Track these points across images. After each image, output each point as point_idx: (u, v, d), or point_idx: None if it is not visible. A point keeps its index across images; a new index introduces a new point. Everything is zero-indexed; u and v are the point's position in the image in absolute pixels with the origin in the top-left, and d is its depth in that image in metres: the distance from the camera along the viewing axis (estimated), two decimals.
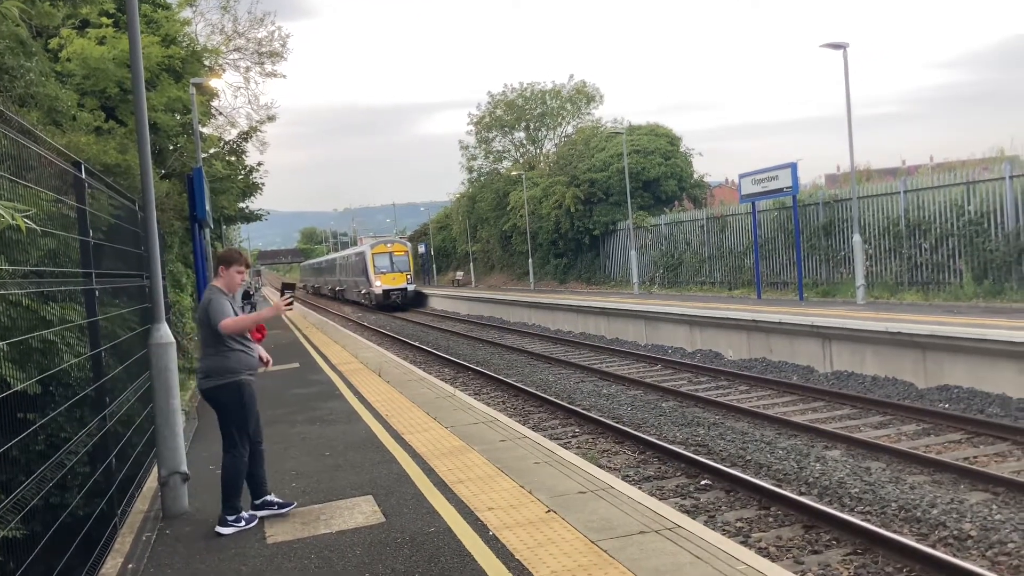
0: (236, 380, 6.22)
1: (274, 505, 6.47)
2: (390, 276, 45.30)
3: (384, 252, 46.49)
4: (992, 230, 16.82)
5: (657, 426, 11.99)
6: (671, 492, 8.77)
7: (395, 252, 46.52)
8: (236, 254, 6.48)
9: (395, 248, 47.33)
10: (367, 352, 18.33)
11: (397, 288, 45.06)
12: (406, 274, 45.88)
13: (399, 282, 45.30)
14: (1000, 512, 7.46)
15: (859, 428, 11.17)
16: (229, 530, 6.12)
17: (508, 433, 8.75)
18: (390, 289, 44.85)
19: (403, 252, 46.77)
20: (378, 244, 48.19)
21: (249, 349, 6.38)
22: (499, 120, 51.69)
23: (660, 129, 37.56)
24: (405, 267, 46.22)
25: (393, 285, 44.96)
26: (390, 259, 45.87)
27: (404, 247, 47.79)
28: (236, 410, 6.26)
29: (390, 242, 49.02)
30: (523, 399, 15.03)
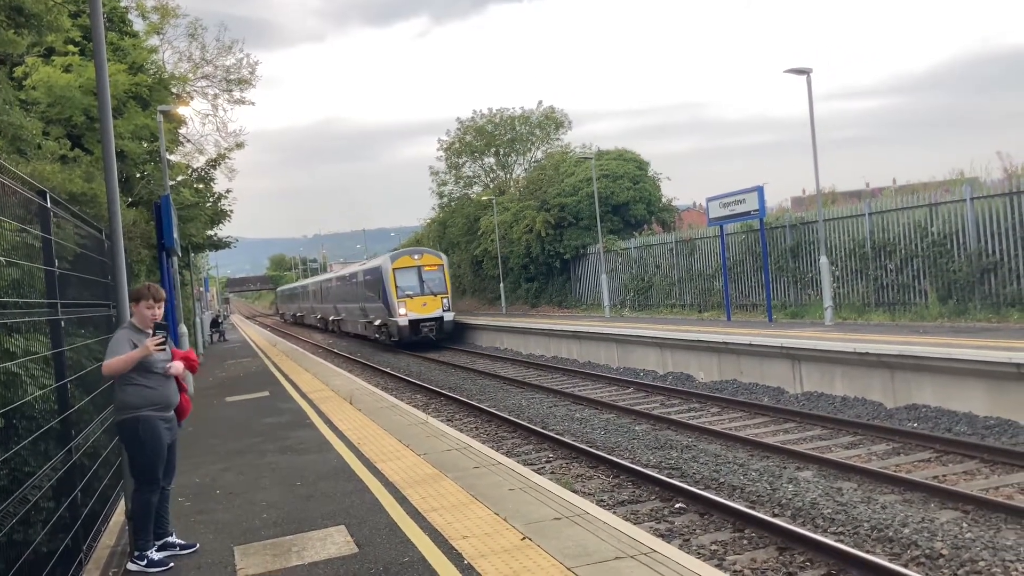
0: (133, 416, 5.99)
1: (175, 546, 6.33)
2: (419, 301, 32.50)
3: (410, 266, 33.11)
4: (955, 251, 17.11)
5: (631, 449, 11.99)
6: (646, 516, 8.76)
7: (426, 266, 33.23)
8: (144, 290, 6.20)
9: (425, 261, 33.56)
10: (337, 379, 18.18)
11: (430, 318, 32.32)
12: (441, 297, 32.75)
13: (432, 308, 32.47)
14: (970, 530, 7.53)
15: (830, 448, 11.24)
16: (135, 567, 6.02)
17: (482, 460, 8.70)
18: (420, 320, 32.15)
19: (436, 266, 33.50)
20: (401, 256, 34.38)
21: (153, 383, 6.06)
22: (469, 146, 51.84)
23: (628, 154, 37.87)
24: (440, 287, 33.03)
25: (424, 313, 32.30)
26: (419, 276, 32.96)
27: (438, 259, 34.03)
28: (134, 447, 6.06)
29: (418, 253, 34.51)
30: (496, 424, 14.98)
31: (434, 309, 32.57)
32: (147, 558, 6.05)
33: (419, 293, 32.58)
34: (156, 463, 6.10)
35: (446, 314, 32.85)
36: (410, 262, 33.36)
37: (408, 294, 32.40)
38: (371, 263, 39.24)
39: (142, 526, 6.10)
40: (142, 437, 6.01)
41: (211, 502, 7.92)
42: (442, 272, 33.39)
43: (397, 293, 32.39)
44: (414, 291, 32.55)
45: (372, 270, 36.40)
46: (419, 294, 32.55)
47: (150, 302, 6.15)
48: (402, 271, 33.06)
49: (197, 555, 6.29)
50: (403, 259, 33.65)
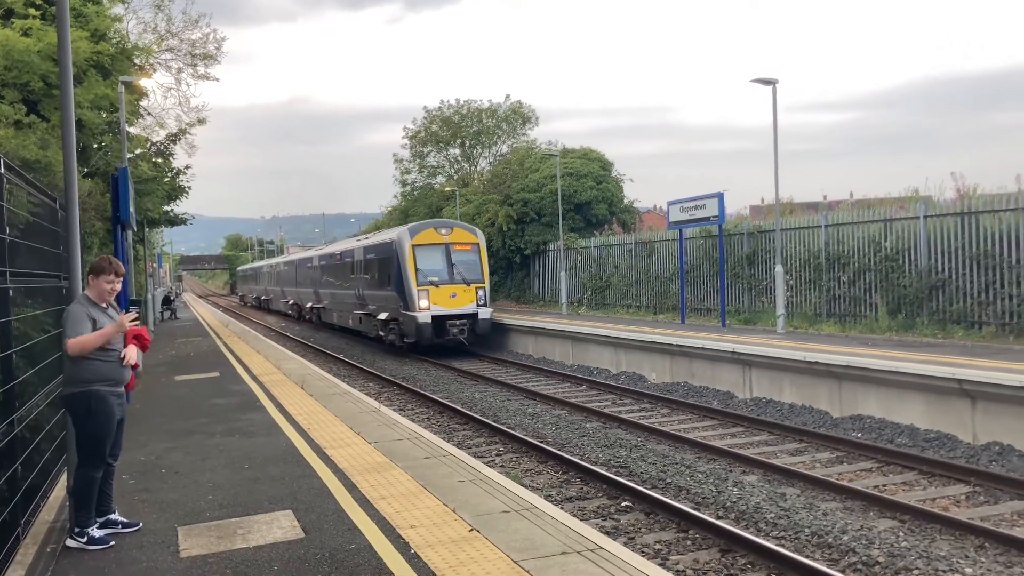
0: (86, 391, 5.90)
1: (118, 524, 6.25)
2: (447, 291, 24.28)
3: (436, 243, 24.98)
4: (907, 266, 17.48)
5: (580, 446, 12.08)
6: (592, 513, 8.83)
7: (456, 244, 25.21)
8: (105, 264, 6.07)
9: (457, 237, 25.44)
10: (290, 363, 18.02)
11: (461, 314, 24.24)
12: (476, 287, 24.70)
13: (464, 302, 24.37)
14: (906, 539, 7.72)
15: (776, 454, 11.44)
16: (74, 543, 5.94)
17: (433, 450, 8.70)
18: (448, 316, 24.09)
19: (471, 245, 25.51)
20: (423, 229, 25.59)
21: (108, 358, 5.97)
22: (435, 135, 51.62)
23: (593, 153, 38.05)
24: (475, 273, 25.01)
25: (453, 308, 24.18)
26: (447, 256, 24.87)
27: (473, 236, 25.90)
28: (83, 422, 5.96)
29: (446, 226, 25.89)
30: (448, 416, 14.98)
31: (466, 303, 24.19)
32: (87, 535, 5.96)
33: (447, 280, 24.27)
34: (105, 439, 6.00)
35: (481, 310, 24.32)
36: (435, 237, 24.88)
37: (432, 281, 24.05)
38: (377, 236, 29.92)
39: (84, 502, 6.00)
40: (94, 412, 5.92)
41: (156, 481, 7.82)
42: (478, 253, 25.24)
43: (417, 279, 23.95)
44: (440, 277, 24.24)
45: (379, 246, 27.35)
46: (447, 281, 24.22)
47: (111, 276, 6.05)
48: (424, 249, 24.55)
49: (139, 534, 6.21)
50: (426, 233, 24.98)
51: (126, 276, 7.15)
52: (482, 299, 24.65)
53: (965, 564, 7.09)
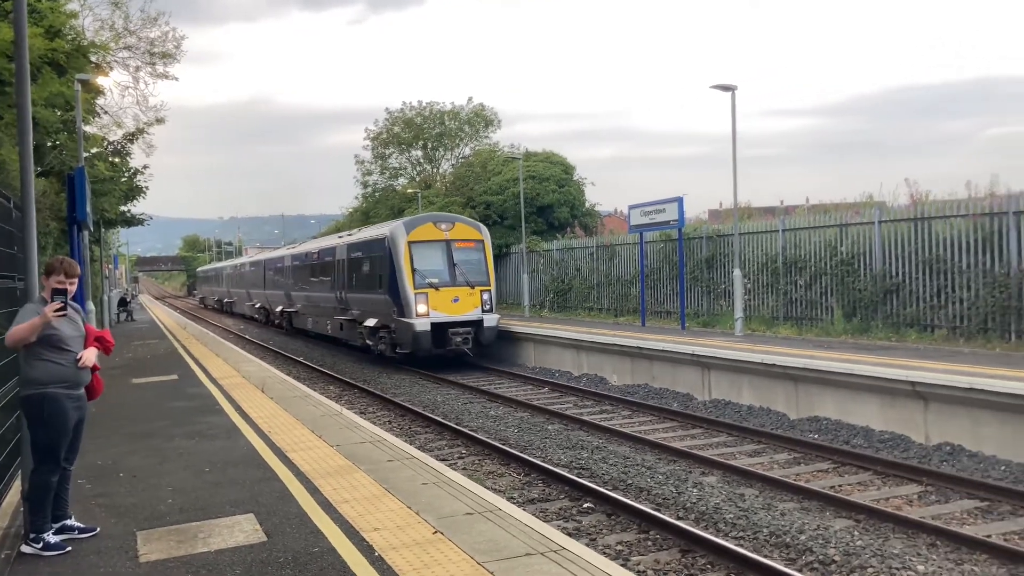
0: (40, 392, 5.80)
1: (74, 530, 6.17)
2: (448, 294, 21.39)
3: (435, 240, 22.10)
4: (862, 271, 17.82)
5: (543, 448, 12.13)
6: (554, 514, 8.88)
7: (458, 241, 22.35)
8: (56, 264, 5.94)
9: (459, 233, 22.52)
10: (249, 366, 17.85)
11: (464, 321, 21.40)
12: (481, 289, 21.86)
13: (467, 307, 21.53)
14: (861, 538, 7.89)
15: (735, 455, 11.59)
16: (29, 549, 5.86)
17: (396, 453, 8.69)
18: (450, 323, 21.19)
19: (474, 243, 22.61)
20: (421, 223, 22.56)
21: (62, 360, 5.88)
22: (396, 137, 51.45)
23: (555, 157, 38.24)
24: (480, 274, 22.16)
25: (455, 314, 21.33)
26: (447, 255, 21.98)
27: (476, 232, 22.94)
28: (37, 425, 5.87)
29: (446, 221, 23.03)
30: (410, 419, 14.95)
31: (470, 308, 21.42)
32: (43, 540, 5.86)
33: (449, 283, 21.44)
34: (59, 442, 5.91)
35: (487, 316, 21.55)
36: (435, 233, 22.00)
37: (431, 283, 21.19)
38: (366, 232, 26.20)
39: (39, 507, 5.90)
40: (46, 414, 5.82)
41: (114, 485, 7.71)
42: (482, 251, 22.40)
43: (414, 280, 21.14)
44: (440, 279, 21.39)
45: (368, 243, 24.22)
46: (448, 284, 21.40)
47: (61, 277, 5.93)
48: (422, 246, 21.72)
49: (97, 539, 6.12)
50: (424, 228, 22.03)
51: (82, 277, 7.04)
52: (488, 304, 21.76)
53: (917, 562, 7.27)
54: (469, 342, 21.25)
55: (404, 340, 21.45)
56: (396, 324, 21.74)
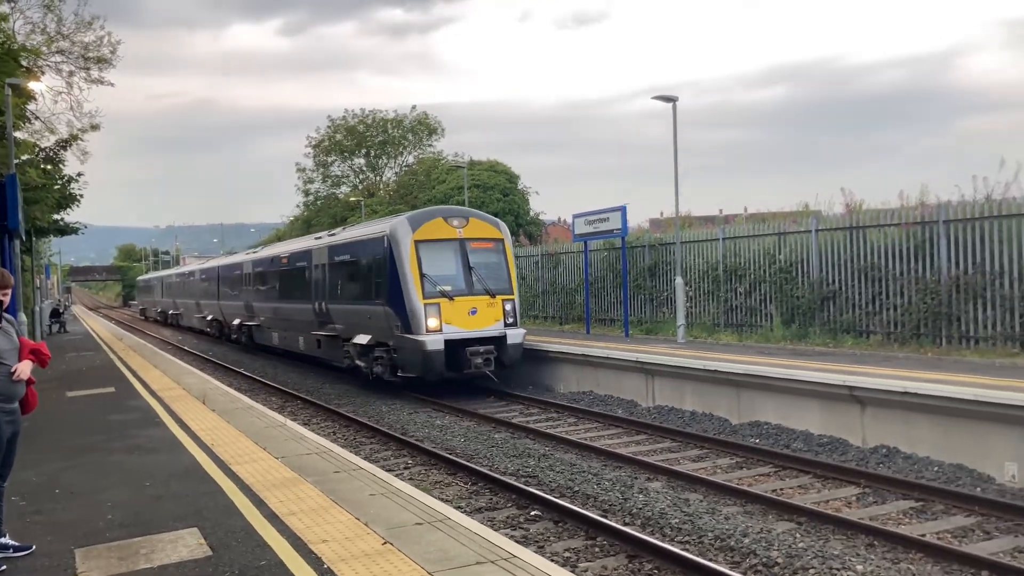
0: None
1: (9, 548, 5.99)
2: (464, 304, 17.82)
3: (447, 239, 18.34)
4: (800, 278, 18.24)
5: (489, 457, 12.14)
6: (502, 523, 8.89)
7: (474, 241, 18.60)
8: None
9: (474, 231, 18.71)
10: (189, 378, 17.50)
11: (484, 337, 17.82)
12: (503, 299, 18.25)
13: (487, 320, 17.94)
14: (803, 540, 8.07)
15: (679, 461, 11.75)
16: None
17: (342, 464, 8.62)
18: (466, 340, 17.57)
19: (493, 242, 18.88)
20: (429, 218, 18.63)
21: None
22: (339, 145, 51.11)
23: (500, 166, 38.40)
24: (502, 280, 18.54)
25: (473, 329, 17.77)
26: (462, 257, 18.29)
27: (495, 230, 19.15)
28: None
29: (458, 216, 19.00)
30: (355, 430, 14.82)
31: (490, 321, 17.79)
32: None
33: (464, 291, 17.75)
34: None
35: (511, 331, 17.92)
36: (445, 230, 18.21)
37: (444, 291, 17.45)
38: (356, 230, 21.74)
39: None
40: None
41: (50, 502, 7.49)
42: (503, 253, 18.74)
43: (423, 288, 17.35)
44: (455, 286, 17.72)
45: (359, 244, 20.11)
46: (464, 292, 17.72)
47: None
48: (432, 247, 17.90)
49: (33, 557, 5.96)
50: (433, 224, 18.16)
51: (15, 288, 6.85)
52: (511, 316, 18.08)
53: (856, 562, 7.46)
54: (491, 362, 17.39)
55: (410, 361, 17.45)
56: (399, 342, 17.68)
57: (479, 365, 17.33)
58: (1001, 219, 14.25)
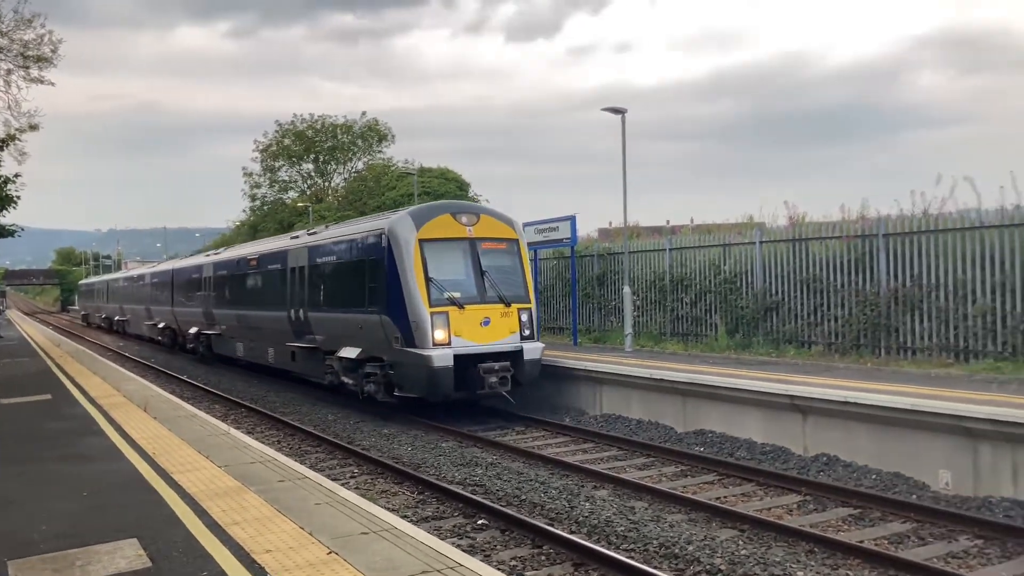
0: None
1: None
2: (476, 314, 15.47)
3: (456, 238, 15.98)
4: (744, 289, 18.54)
5: (436, 466, 12.10)
6: (448, 532, 8.87)
7: (486, 240, 16.21)
8: None
9: (485, 229, 16.30)
10: (130, 385, 17.13)
11: (499, 352, 15.50)
12: (519, 308, 16.01)
13: (502, 332, 15.69)
14: (746, 547, 8.20)
15: (625, 469, 11.85)
16: None
17: (287, 473, 8.52)
18: (479, 355, 15.26)
19: (506, 242, 16.59)
20: (434, 214, 16.14)
21: None
22: (287, 149, 50.57)
23: (450, 174, 38.39)
24: (517, 286, 16.31)
25: (487, 342, 15.48)
26: (473, 259, 15.93)
27: (509, 229, 16.72)
28: None
29: (467, 212, 16.60)
30: (300, 439, 14.65)
31: (505, 333, 15.63)
32: None
33: (476, 298, 15.55)
34: None
35: (528, 345, 15.83)
36: (454, 228, 15.91)
37: (453, 298, 15.24)
38: (345, 228, 19.12)
39: None
40: None
41: None
42: (518, 255, 16.54)
43: (429, 295, 15.10)
44: (465, 292, 15.51)
45: (350, 243, 17.69)
46: (475, 300, 15.52)
47: None
48: (439, 248, 15.66)
49: None
50: (439, 222, 15.85)
51: None
52: (528, 327, 15.93)
53: (797, 568, 7.61)
54: (507, 381, 15.19)
55: (412, 379, 15.27)
56: (398, 356, 15.41)
57: (494, 385, 15.01)
58: (937, 233, 14.68)
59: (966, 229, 14.24)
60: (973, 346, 13.97)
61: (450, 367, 14.80)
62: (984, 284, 13.83)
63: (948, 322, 14.41)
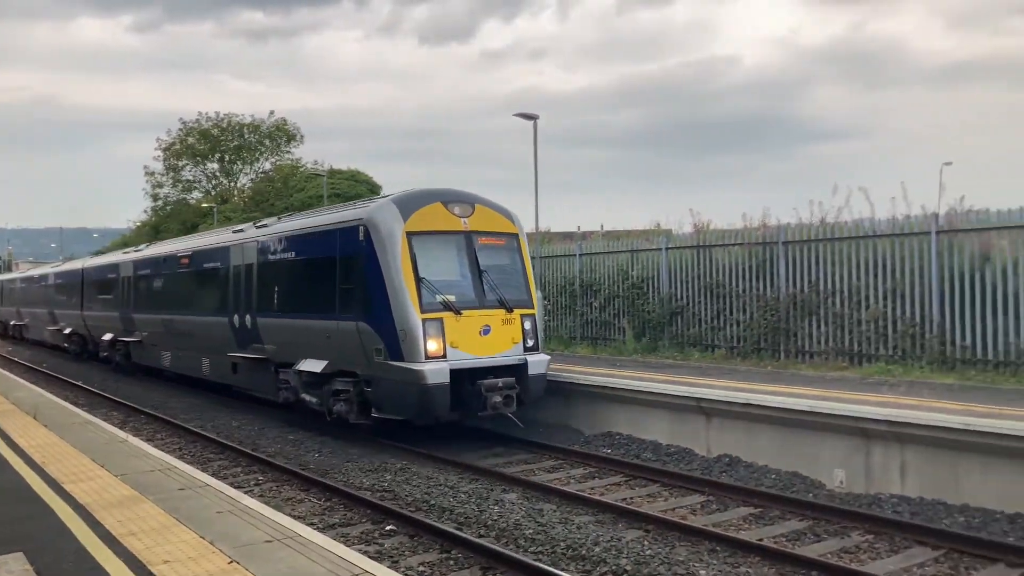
0: None
1: None
2: (475, 321, 13.10)
3: (450, 231, 13.58)
4: (651, 294, 18.92)
5: (344, 472, 11.92)
6: (356, 539, 8.75)
7: (483, 235, 13.86)
8: None
9: (481, 221, 13.93)
10: (20, 391, 16.35)
11: (502, 365, 13.24)
12: (521, 313, 13.63)
13: (504, 344, 13.35)
14: (651, 547, 8.34)
15: (534, 472, 11.92)
16: None
17: (188, 481, 8.26)
18: (480, 369, 13.01)
19: (505, 237, 14.28)
20: (424, 203, 13.50)
21: None
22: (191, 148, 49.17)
23: (361, 175, 38.02)
24: (519, 288, 13.99)
25: (488, 354, 13.15)
26: (468, 254, 13.58)
27: (506, 221, 14.41)
28: None
29: (460, 200, 13.91)
30: (202, 446, 14.24)
31: (507, 344, 13.46)
32: None
33: (474, 303, 13.34)
34: None
35: (532, 357, 13.65)
36: (446, 220, 13.64)
37: (448, 302, 12.96)
38: (310, 218, 16.36)
39: None
40: None
41: None
42: (517, 252, 14.39)
43: (420, 297, 12.83)
44: (462, 295, 13.29)
45: (318, 236, 15.04)
46: (474, 304, 13.31)
47: None
48: (429, 242, 13.41)
49: None
50: (430, 212, 13.55)
51: None
52: (531, 336, 13.73)
53: (700, 567, 7.78)
54: (512, 401, 13.04)
55: (398, 399, 12.94)
56: (380, 372, 13.03)
57: (497, 405, 12.82)
58: (833, 241, 15.28)
59: (860, 238, 14.86)
60: (866, 350, 14.58)
61: (446, 384, 12.47)
62: (877, 290, 14.45)
63: (843, 327, 14.99)
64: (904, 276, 14.08)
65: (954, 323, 13.36)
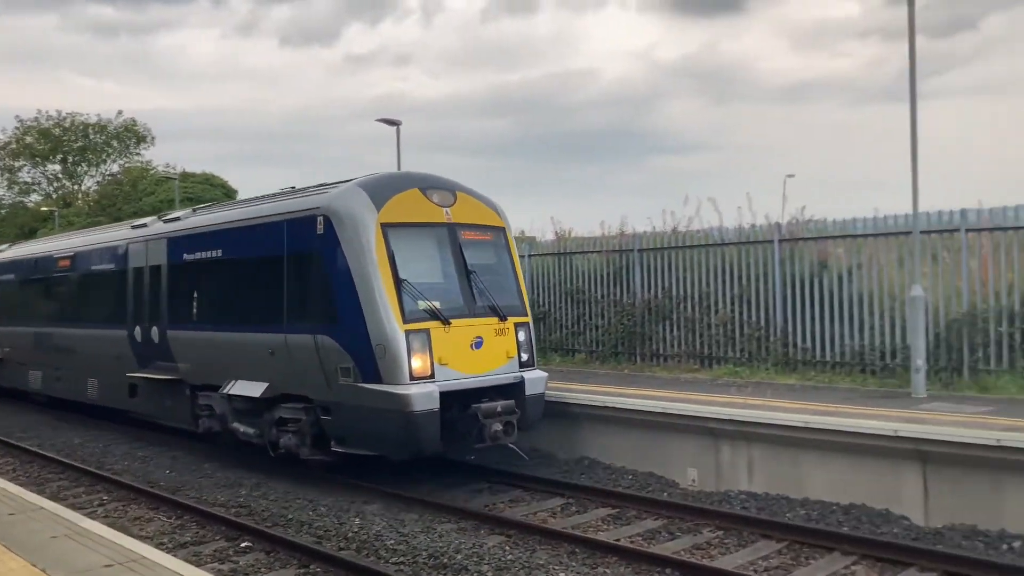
0: None
1: None
2: (466, 333, 10.71)
3: (431, 224, 11.12)
4: None
5: (198, 488, 11.46)
6: (209, 557, 8.43)
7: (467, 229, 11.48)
8: None
9: (464, 211, 11.53)
10: None
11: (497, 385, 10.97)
12: (515, 320, 11.35)
13: (499, 359, 11.05)
14: (512, 553, 8.41)
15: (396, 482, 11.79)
16: None
17: (20, 505, 7.72)
18: (470, 392, 10.63)
19: (491, 232, 11.96)
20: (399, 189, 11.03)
21: None
22: (29, 148, 46.16)
23: (216, 179, 36.72)
24: (511, 292, 11.70)
25: (480, 373, 10.81)
26: (454, 252, 11.16)
27: (491, 213, 12.01)
28: None
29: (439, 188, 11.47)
30: (40, 465, 13.38)
31: (502, 359, 11.20)
32: None
33: (463, 310, 10.95)
34: None
35: (528, 373, 11.48)
36: (426, 210, 11.22)
37: (433, 310, 10.58)
38: (248, 207, 13.33)
39: None
40: None
41: None
42: (505, 249, 12.16)
43: (401, 304, 10.37)
44: (449, 302, 10.87)
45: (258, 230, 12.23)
46: (463, 312, 10.90)
47: None
48: (408, 235, 10.91)
49: None
50: (406, 199, 11.07)
51: None
52: (526, 349, 11.59)
53: (560, 569, 7.91)
54: (513, 429, 10.82)
55: (372, 431, 10.54)
56: (346, 397, 10.58)
57: (498, 434, 10.56)
58: (685, 249, 15.90)
59: (709, 246, 15.53)
60: (716, 353, 15.23)
61: (436, 411, 10.12)
62: (725, 296, 15.13)
63: (695, 331, 15.61)
64: (750, 282, 14.80)
65: (795, 327, 14.14)
